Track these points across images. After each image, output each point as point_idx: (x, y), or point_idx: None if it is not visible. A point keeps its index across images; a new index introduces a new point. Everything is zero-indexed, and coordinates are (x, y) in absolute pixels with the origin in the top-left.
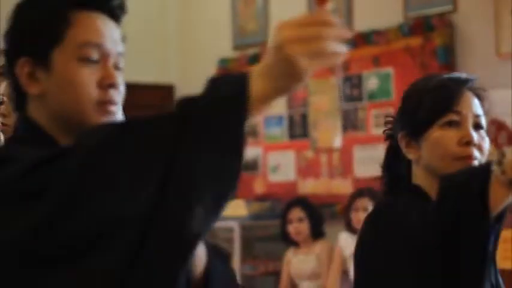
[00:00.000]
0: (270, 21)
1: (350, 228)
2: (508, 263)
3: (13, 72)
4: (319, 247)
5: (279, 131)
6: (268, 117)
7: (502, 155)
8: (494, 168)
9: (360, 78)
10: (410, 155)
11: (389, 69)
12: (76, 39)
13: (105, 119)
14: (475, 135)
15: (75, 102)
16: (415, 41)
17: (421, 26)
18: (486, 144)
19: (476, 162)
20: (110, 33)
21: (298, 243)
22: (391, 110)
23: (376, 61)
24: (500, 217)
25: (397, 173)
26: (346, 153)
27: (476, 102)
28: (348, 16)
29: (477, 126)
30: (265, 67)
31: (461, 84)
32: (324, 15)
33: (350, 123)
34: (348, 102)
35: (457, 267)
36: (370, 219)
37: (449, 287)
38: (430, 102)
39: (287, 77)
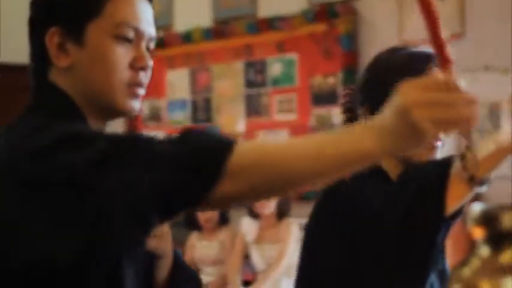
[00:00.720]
0: (174, 4)
1: (252, 213)
2: None
3: (39, 40)
4: (223, 233)
5: (183, 116)
6: (172, 101)
7: (467, 149)
8: (456, 163)
9: (263, 63)
10: None
11: (293, 55)
12: (114, 16)
13: (132, 101)
14: None
15: (106, 80)
16: (319, 28)
17: (325, 13)
18: None
19: (443, 142)
20: (146, 15)
21: (201, 228)
22: (295, 96)
23: (280, 47)
24: (457, 214)
25: None
26: (249, 138)
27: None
28: (252, 2)
29: None
30: (386, 126)
31: (427, 59)
32: (450, 79)
33: (253, 108)
34: (252, 88)
35: (407, 254)
36: (326, 196)
37: (398, 274)
38: (395, 77)
39: (407, 139)
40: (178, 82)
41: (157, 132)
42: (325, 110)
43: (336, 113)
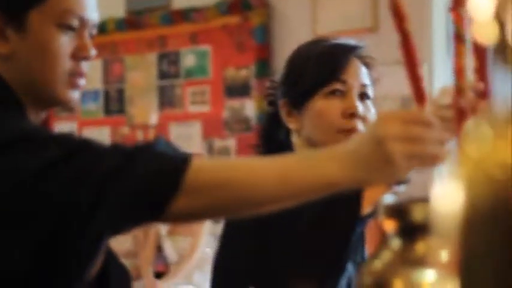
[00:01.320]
0: None
1: None
2: None
3: None
4: None
5: (95, 107)
6: (84, 92)
7: None
8: None
9: (177, 55)
10: (291, 124)
11: (207, 47)
12: (60, 3)
13: (72, 92)
14: (360, 106)
15: (47, 70)
16: (233, 20)
17: (239, 5)
18: (372, 115)
19: None
20: (91, 1)
21: None
22: (208, 88)
23: (194, 39)
24: (374, 212)
25: (276, 142)
26: (162, 130)
27: (363, 71)
28: None
29: (363, 97)
30: (357, 154)
31: (348, 52)
32: (427, 115)
33: (166, 100)
34: (165, 79)
35: (320, 254)
36: None
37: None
38: (314, 70)
39: (377, 170)
40: (90, 73)
41: (69, 124)
42: (238, 102)
43: (248, 106)
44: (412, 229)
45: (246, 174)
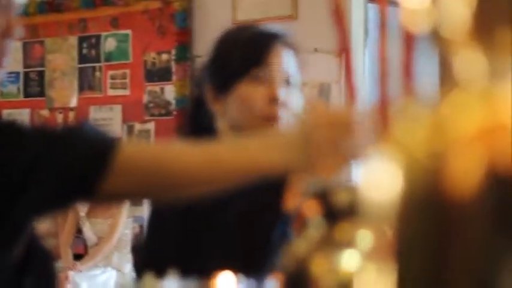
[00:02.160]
0: None
1: None
2: None
3: None
4: None
5: (15, 89)
6: (4, 74)
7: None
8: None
9: (98, 38)
10: (216, 109)
11: (128, 31)
12: None
13: None
14: (283, 93)
15: None
16: (154, 4)
17: None
18: (297, 102)
19: (281, 123)
20: None
21: None
22: (128, 72)
23: (115, 23)
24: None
25: (200, 126)
26: (82, 113)
27: (288, 57)
28: None
29: (287, 83)
30: (288, 141)
31: (273, 38)
32: (353, 111)
33: (87, 83)
34: (85, 63)
35: (243, 251)
36: None
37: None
38: (239, 55)
39: (304, 159)
40: (10, 54)
41: None
42: (158, 86)
43: (168, 90)
44: (336, 212)
45: (175, 155)
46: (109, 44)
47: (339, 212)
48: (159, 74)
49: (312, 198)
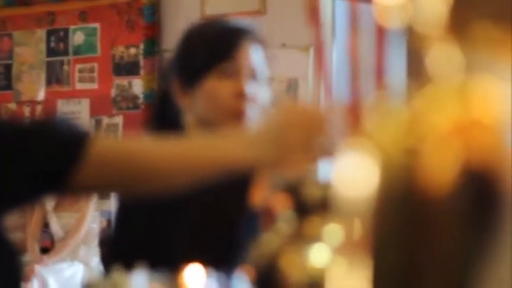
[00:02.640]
0: None
1: None
2: None
3: None
4: None
5: None
6: None
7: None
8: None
9: (66, 32)
10: (183, 103)
11: (96, 25)
12: None
13: None
14: (250, 88)
15: None
16: None
17: None
18: (264, 97)
19: (249, 118)
20: None
21: None
22: (96, 66)
23: (83, 16)
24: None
25: (168, 120)
26: (49, 106)
27: (255, 52)
28: None
29: (255, 78)
30: (259, 137)
31: (240, 33)
32: (324, 110)
33: (55, 77)
34: (53, 56)
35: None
36: None
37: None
38: (206, 50)
39: (276, 155)
40: None
41: None
42: (126, 80)
43: (136, 84)
44: (306, 207)
45: (146, 150)
46: (77, 38)
47: (310, 207)
48: (127, 68)
49: (282, 193)
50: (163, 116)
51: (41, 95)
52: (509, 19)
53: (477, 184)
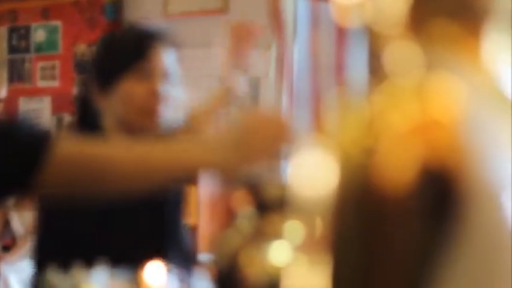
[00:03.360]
0: None
1: None
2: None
3: None
4: None
5: None
6: None
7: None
8: None
9: (28, 29)
10: (102, 106)
11: (58, 23)
12: None
13: None
14: (162, 88)
15: None
16: None
17: None
18: (176, 97)
19: (162, 116)
20: None
21: None
22: (58, 63)
23: (45, 13)
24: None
25: (88, 124)
26: (11, 104)
27: (168, 54)
28: None
29: (167, 79)
30: (218, 141)
31: (154, 36)
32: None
33: (16, 74)
34: (15, 54)
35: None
36: None
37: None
38: (121, 53)
39: (237, 158)
40: None
41: None
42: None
43: None
44: (266, 205)
45: (108, 151)
46: (39, 35)
47: (270, 205)
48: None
49: (243, 191)
50: (83, 119)
51: (2, 93)
52: (466, 17)
53: (435, 183)
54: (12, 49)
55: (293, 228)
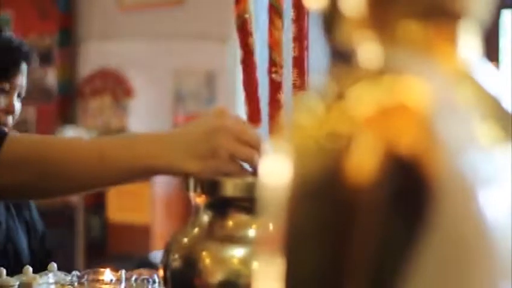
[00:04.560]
0: None
1: None
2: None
3: None
4: None
5: None
6: None
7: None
8: None
9: None
10: None
11: (9, 13)
12: None
13: None
14: (17, 105)
15: None
16: None
17: None
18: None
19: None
20: None
21: None
22: None
23: None
24: None
25: None
26: None
27: (24, 70)
28: None
29: (20, 95)
30: (181, 140)
31: (18, 56)
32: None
33: None
34: None
35: None
36: None
37: None
38: None
39: (198, 160)
40: None
41: None
42: (41, 70)
43: (51, 74)
44: (224, 204)
45: (64, 150)
46: None
47: (226, 203)
48: (41, 58)
49: (198, 189)
50: None
51: None
52: (430, 15)
53: (402, 170)
54: None
55: (250, 229)
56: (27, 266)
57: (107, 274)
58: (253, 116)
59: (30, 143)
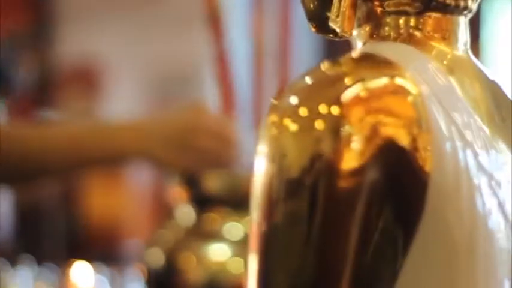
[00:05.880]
0: None
1: None
2: None
3: None
4: None
5: None
6: None
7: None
8: None
9: None
10: None
11: None
12: None
13: None
14: None
15: None
16: None
17: None
18: None
19: None
20: None
21: None
22: None
23: None
24: None
25: None
26: None
27: None
28: None
29: None
30: (157, 131)
31: None
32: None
33: None
34: None
35: None
36: None
37: None
38: None
39: (172, 153)
40: None
41: None
42: (13, 59)
43: (24, 62)
44: (205, 200)
45: (37, 140)
46: None
47: (209, 200)
48: (14, 47)
49: (181, 186)
50: None
51: None
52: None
53: (395, 156)
54: None
55: (233, 225)
56: None
57: (85, 267)
58: (229, 109)
59: (3, 133)
